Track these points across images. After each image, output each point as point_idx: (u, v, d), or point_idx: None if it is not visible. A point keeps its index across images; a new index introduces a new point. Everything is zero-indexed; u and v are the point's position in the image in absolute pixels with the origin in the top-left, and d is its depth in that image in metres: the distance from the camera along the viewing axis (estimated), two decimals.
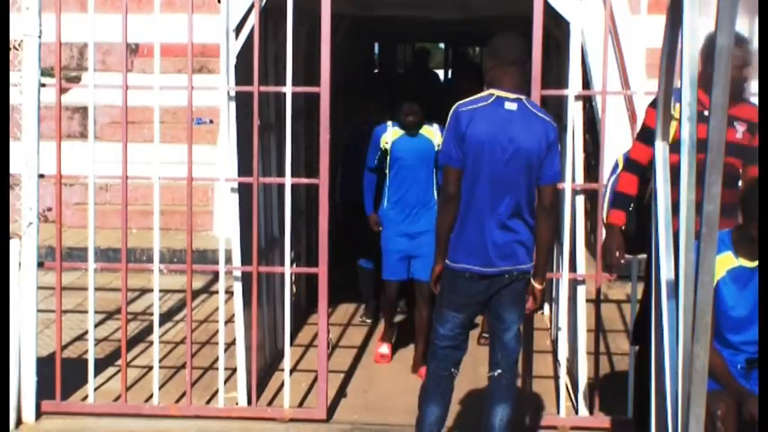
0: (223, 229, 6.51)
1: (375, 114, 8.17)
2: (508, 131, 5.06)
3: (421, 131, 7.27)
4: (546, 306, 8.50)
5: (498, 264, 5.13)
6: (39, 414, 6.17)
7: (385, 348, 7.57)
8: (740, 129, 5.34)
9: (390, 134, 7.36)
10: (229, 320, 6.58)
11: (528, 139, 5.07)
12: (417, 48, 18.50)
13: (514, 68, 5.17)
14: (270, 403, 6.48)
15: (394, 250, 7.34)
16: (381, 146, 7.38)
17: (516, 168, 5.08)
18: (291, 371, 6.29)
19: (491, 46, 5.31)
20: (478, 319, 7.11)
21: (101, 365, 6.78)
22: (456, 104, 5.18)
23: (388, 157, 7.36)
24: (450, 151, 5.13)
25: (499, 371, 5.26)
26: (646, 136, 5.23)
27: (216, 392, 6.35)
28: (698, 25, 3.40)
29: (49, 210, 10.20)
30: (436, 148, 7.08)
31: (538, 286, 5.24)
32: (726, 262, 4.80)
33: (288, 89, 6.18)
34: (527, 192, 5.14)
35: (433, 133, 7.25)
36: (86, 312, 6.43)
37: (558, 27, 6.77)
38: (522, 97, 5.16)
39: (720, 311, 4.80)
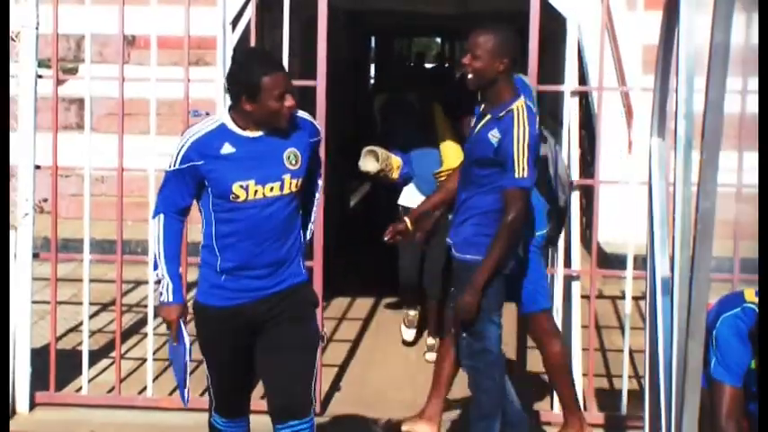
0: None
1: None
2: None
3: None
4: None
5: None
6: (32, 405, 6.17)
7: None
8: None
9: None
10: None
11: None
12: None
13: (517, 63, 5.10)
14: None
15: None
16: None
17: None
18: None
19: (500, 44, 4.84)
20: None
21: (95, 357, 6.77)
22: (520, 103, 4.81)
23: None
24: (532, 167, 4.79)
25: None
26: None
27: None
28: (695, 22, 3.40)
29: (45, 201, 10.18)
30: None
31: None
32: None
33: None
34: None
35: None
36: (81, 304, 6.43)
37: (554, 23, 6.77)
38: None
39: None
